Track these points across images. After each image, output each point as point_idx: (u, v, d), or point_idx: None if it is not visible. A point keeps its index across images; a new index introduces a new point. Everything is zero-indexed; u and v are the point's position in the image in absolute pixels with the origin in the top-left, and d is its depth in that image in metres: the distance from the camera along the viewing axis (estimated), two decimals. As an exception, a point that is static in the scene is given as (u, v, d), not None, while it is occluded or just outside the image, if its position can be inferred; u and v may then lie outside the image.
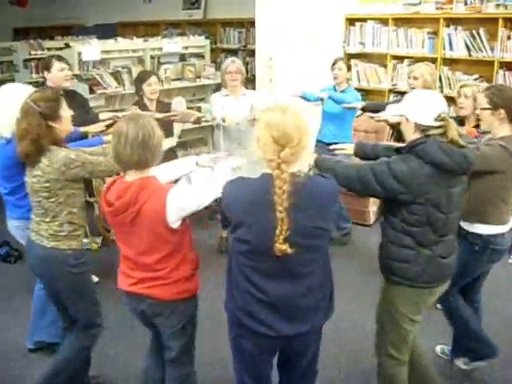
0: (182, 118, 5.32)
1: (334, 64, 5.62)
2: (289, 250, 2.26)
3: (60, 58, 4.81)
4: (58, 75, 4.71)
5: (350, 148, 3.37)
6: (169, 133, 5.06)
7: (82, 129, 4.34)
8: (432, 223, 2.76)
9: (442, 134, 2.70)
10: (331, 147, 3.53)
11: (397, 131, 4.41)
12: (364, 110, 5.46)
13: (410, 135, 2.79)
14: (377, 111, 4.87)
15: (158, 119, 3.20)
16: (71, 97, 4.54)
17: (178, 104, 6.44)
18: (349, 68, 5.84)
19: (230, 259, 2.55)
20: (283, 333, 2.46)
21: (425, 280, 2.85)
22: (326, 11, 6.82)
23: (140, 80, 5.34)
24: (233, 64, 5.43)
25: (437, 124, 2.70)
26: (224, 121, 5.38)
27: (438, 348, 4.03)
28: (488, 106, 3.32)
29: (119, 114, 4.84)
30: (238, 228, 2.37)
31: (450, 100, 4.89)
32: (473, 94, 3.98)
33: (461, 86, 4.26)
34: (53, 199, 3.06)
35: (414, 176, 2.67)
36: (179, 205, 2.62)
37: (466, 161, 2.68)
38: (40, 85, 5.01)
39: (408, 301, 2.91)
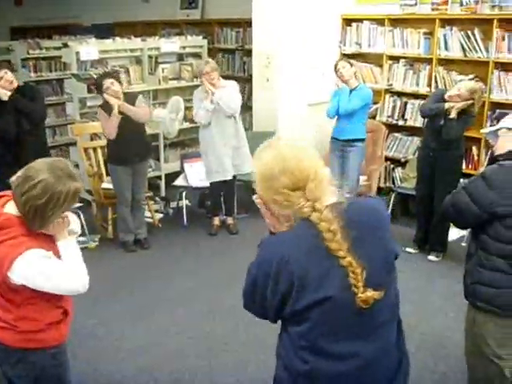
0: (134, 115, 5.44)
1: (335, 68, 5.81)
2: (378, 293, 1.79)
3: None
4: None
5: None
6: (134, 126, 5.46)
7: None
8: None
9: None
10: None
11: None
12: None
13: (509, 145, 2.71)
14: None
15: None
16: (22, 92, 5.39)
17: (176, 103, 6.50)
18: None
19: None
20: None
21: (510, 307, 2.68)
22: (323, 11, 6.86)
23: (98, 87, 5.55)
24: (207, 65, 5.80)
25: None
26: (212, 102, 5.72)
27: None
28: None
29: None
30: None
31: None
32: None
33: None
34: None
35: (506, 188, 2.57)
36: (25, 274, 2.31)
37: None
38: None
39: (499, 335, 2.70)
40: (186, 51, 7.88)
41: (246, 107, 7.84)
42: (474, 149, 6.30)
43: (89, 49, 6.65)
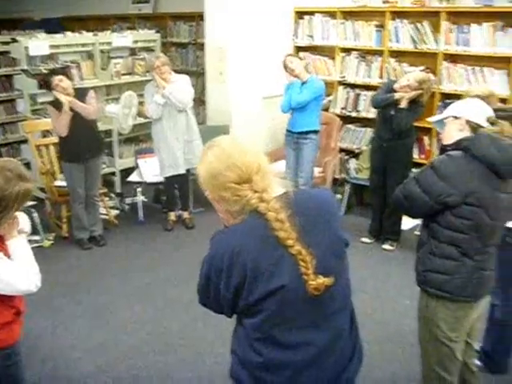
0: (84, 112, 5.40)
1: (284, 65, 5.84)
2: (328, 280, 1.81)
3: None
4: None
5: None
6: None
7: None
8: (479, 229, 2.63)
9: (496, 133, 2.62)
10: None
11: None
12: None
13: (456, 134, 2.73)
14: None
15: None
16: None
17: (129, 98, 6.44)
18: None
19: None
20: None
21: (467, 293, 2.72)
22: (275, 4, 6.89)
23: (47, 84, 5.51)
24: (158, 59, 5.80)
25: (488, 125, 2.66)
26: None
27: None
28: None
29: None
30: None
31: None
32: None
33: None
34: None
35: (461, 172, 2.59)
36: None
37: None
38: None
39: (450, 319, 2.76)
40: (139, 45, 7.81)
41: (200, 101, 7.82)
42: (426, 138, 6.41)
43: (38, 44, 6.53)
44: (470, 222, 2.61)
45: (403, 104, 5.28)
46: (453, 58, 6.24)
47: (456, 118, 2.76)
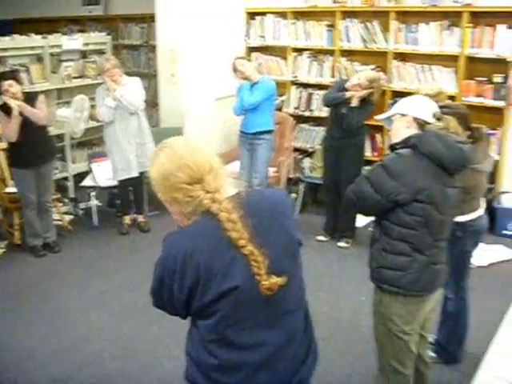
0: (33, 116, 5.32)
1: (233, 68, 5.83)
2: (281, 280, 1.80)
3: None
4: None
5: None
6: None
7: None
8: (429, 224, 2.68)
9: (442, 129, 2.67)
10: None
11: None
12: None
13: (404, 132, 2.76)
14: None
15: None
16: None
17: (80, 101, 6.35)
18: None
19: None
20: None
21: (419, 288, 2.78)
22: (227, 5, 6.90)
23: None
24: (108, 62, 5.76)
25: (435, 121, 2.70)
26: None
27: None
28: None
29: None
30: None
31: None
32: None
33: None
34: None
35: (411, 170, 2.62)
36: None
37: (463, 157, 2.64)
38: None
39: (403, 312, 2.80)
40: (90, 48, 7.69)
41: (153, 104, 7.77)
42: (378, 136, 6.52)
43: (-15, 47, 6.39)
44: (420, 219, 2.65)
45: (354, 103, 5.35)
46: (402, 57, 6.37)
47: (403, 115, 2.80)
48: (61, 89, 7.30)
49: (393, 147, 2.82)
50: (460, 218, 3.30)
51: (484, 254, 4.92)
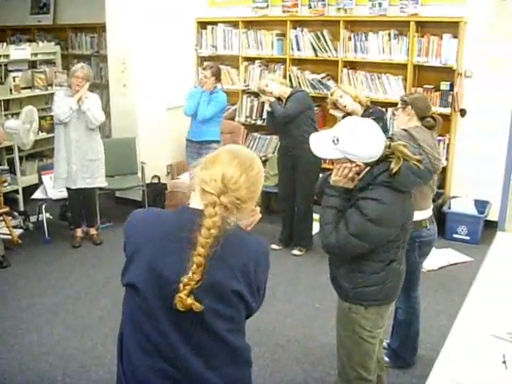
0: None
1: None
2: (197, 306, 1.75)
3: None
4: None
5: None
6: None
7: None
8: (402, 242, 2.74)
9: (397, 157, 2.60)
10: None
11: None
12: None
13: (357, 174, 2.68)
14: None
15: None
16: None
17: (30, 113, 6.25)
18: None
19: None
20: None
21: (395, 294, 2.85)
22: (177, 15, 6.88)
23: None
24: (81, 70, 5.63)
25: (387, 151, 2.62)
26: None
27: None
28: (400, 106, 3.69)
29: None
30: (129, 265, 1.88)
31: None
32: (343, 91, 5.09)
33: (331, 95, 5.19)
34: None
35: (395, 210, 2.61)
36: None
37: (430, 176, 2.71)
38: None
39: (374, 316, 2.81)
40: (39, 58, 7.59)
41: (105, 114, 7.68)
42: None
43: None
44: (398, 242, 2.70)
45: (268, 106, 5.61)
46: (352, 65, 6.46)
47: (351, 161, 2.63)
48: (8, 100, 7.16)
49: (362, 189, 2.66)
50: None
51: (434, 258, 5.01)
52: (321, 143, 2.73)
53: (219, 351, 1.88)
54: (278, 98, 5.59)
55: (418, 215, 3.44)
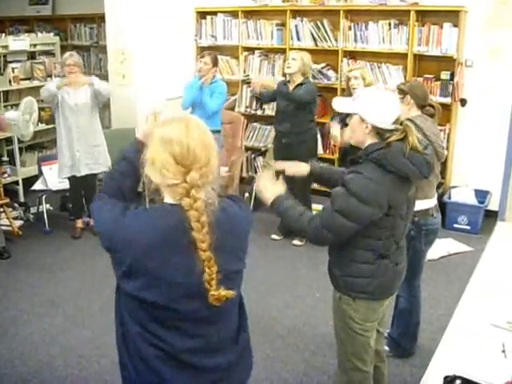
0: None
1: (201, 56, 5.81)
2: (231, 293, 1.78)
3: None
4: None
5: (304, 169, 3.13)
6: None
7: None
8: (394, 233, 2.68)
9: (402, 139, 2.54)
10: (280, 167, 3.21)
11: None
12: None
13: (364, 139, 2.63)
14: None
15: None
16: None
17: (29, 104, 6.23)
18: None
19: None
20: None
21: (385, 291, 2.82)
22: (176, 5, 6.86)
23: None
24: (70, 57, 5.70)
25: (395, 128, 2.56)
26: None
27: None
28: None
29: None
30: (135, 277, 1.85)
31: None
32: (361, 74, 4.91)
33: (348, 71, 5.03)
34: None
35: (381, 189, 2.54)
36: None
37: (428, 168, 2.58)
38: None
39: (364, 310, 2.80)
40: (38, 49, 7.55)
41: (105, 105, 7.67)
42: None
43: None
44: (387, 230, 2.65)
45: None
46: (352, 55, 6.45)
47: (362, 120, 2.61)
48: (8, 91, 7.15)
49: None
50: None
51: (434, 248, 4.98)
52: (343, 100, 2.93)
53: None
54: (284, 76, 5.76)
55: (425, 204, 3.48)
